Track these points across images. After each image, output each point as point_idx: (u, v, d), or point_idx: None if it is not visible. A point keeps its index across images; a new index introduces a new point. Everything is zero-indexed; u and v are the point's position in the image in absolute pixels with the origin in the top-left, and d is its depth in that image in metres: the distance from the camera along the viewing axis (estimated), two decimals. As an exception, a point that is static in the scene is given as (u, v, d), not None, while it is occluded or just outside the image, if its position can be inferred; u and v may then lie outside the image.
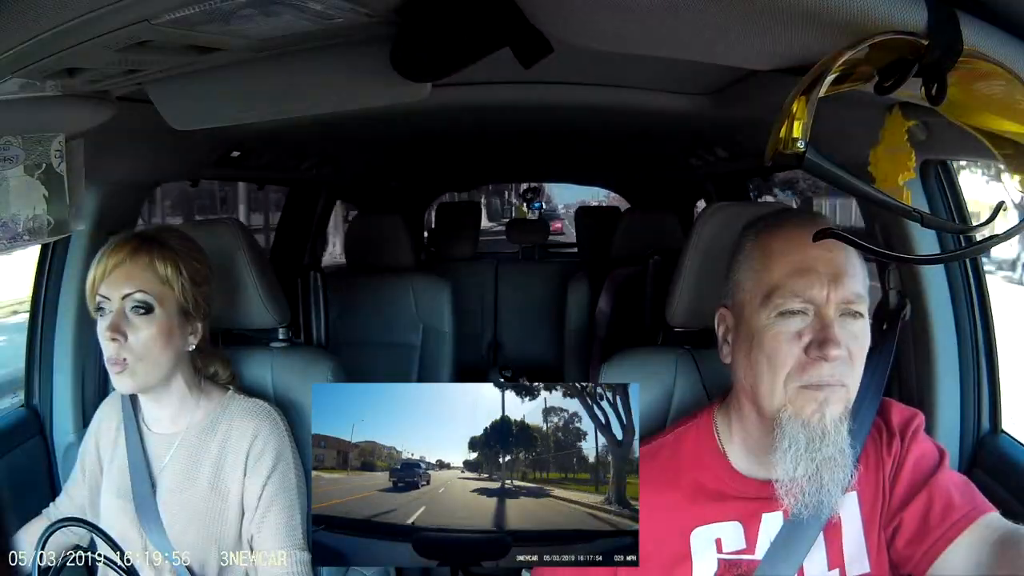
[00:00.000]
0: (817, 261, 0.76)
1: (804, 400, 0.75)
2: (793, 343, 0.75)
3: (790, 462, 0.75)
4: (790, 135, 0.47)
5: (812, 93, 0.46)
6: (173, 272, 0.97)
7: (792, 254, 0.77)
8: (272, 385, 1.17)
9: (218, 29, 0.58)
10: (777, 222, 0.82)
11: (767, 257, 0.79)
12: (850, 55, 0.45)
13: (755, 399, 0.79)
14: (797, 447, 0.74)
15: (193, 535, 0.99)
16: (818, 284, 0.75)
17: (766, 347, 0.77)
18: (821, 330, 0.74)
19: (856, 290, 0.76)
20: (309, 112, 0.78)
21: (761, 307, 0.78)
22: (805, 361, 0.75)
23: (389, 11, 0.57)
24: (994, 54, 0.46)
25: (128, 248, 0.97)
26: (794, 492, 0.76)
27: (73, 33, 0.54)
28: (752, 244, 0.82)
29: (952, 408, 1.10)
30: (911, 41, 0.45)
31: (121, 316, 0.95)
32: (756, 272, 0.80)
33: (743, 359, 0.81)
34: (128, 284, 0.96)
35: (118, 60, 0.62)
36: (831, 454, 0.74)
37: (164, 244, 0.99)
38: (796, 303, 0.76)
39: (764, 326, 0.77)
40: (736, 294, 0.83)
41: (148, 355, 0.96)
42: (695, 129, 1.62)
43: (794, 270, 0.76)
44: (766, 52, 0.56)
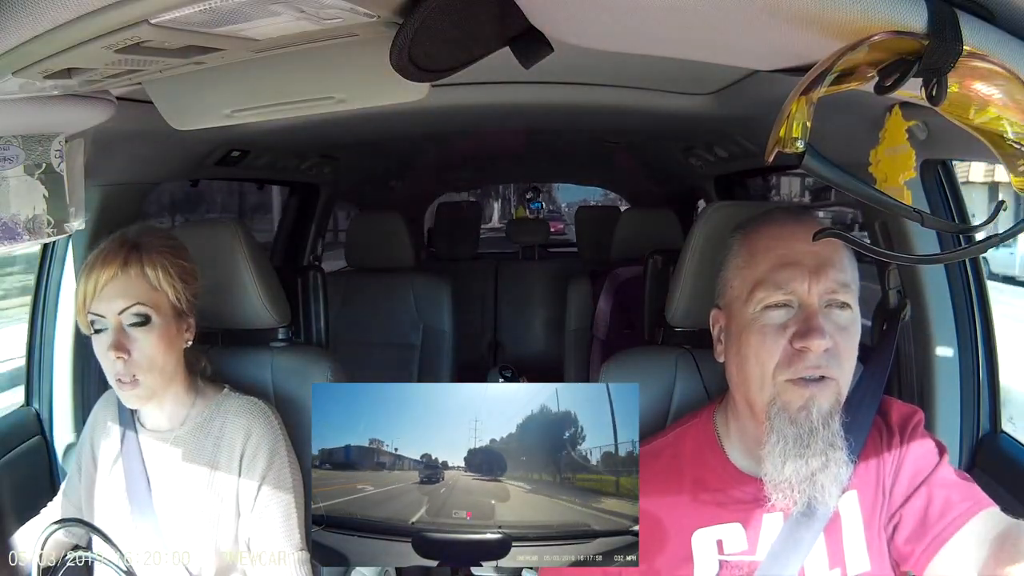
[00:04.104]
0: (800, 254, 0.77)
1: (791, 395, 0.75)
2: (779, 335, 0.76)
3: (778, 458, 0.75)
4: (790, 135, 0.47)
5: (812, 93, 0.46)
6: (165, 276, 0.96)
7: (775, 248, 0.78)
8: (272, 385, 1.17)
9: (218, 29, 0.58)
10: (762, 220, 0.83)
11: (751, 254, 0.80)
12: (850, 55, 0.45)
13: (747, 395, 0.80)
14: (785, 443, 0.75)
15: (189, 534, 0.99)
16: (800, 275, 0.76)
17: (753, 341, 0.77)
18: (805, 320, 0.75)
19: (840, 279, 0.76)
20: (309, 112, 0.78)
21: (747, 302, 0.79)
22: (791, 352, 0.75)
23: (389, 11, 0.57)
24: (994, 54, 0.46)
25: (117, 261, 0.94)
26: (783, 489, 0.76)
27: (73, 33, 0.54)
28: (738, 243, 0.83)
29: (952, 408, 1.10)
30: (911, 41, 0.45)
31: (120, 332, 0.94)
32: (741, 269, 0.81)
33: (733, 356, 0.81)
34: (122, 299, 0.94)
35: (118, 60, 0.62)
36: (820, 449, 0.74)
37: (150, 249, 0.97)
38: (779, 295, 0.76)
39: (750, 320, 0.78)
40: (725, 293, 0.84)
41: (154, 365, 0.96)
42: (695, 129, 1.62)
43: (777, 264, 0.77)
44: (766, 52, 0.56)
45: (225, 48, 0.65)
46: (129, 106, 0.96)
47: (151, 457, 1.03)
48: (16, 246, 0.90)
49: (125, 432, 1.04)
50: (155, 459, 1.03)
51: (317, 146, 1.94)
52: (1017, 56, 0.47)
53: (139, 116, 0.96)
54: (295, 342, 1.28)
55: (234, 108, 0.80)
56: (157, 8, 0.51)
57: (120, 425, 1.05)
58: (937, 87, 0.46)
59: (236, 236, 1.14)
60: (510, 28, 0.60)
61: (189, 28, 0.57)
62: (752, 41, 0.53)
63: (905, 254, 1.07)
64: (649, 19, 0.51)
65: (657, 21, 0.51)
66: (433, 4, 0.52)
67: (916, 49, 0.45)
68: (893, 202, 0.54)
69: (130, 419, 1.05)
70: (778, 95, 0.48)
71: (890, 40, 0.45)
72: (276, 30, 0.61)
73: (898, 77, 0.46)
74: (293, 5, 0.54)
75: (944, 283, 1.10)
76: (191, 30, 0.57)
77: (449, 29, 0.57)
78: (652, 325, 1.17)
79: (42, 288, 1.35)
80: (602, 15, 0.52)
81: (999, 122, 0.49)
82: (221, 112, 0.80)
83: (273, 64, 0.71)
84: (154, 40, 0.57)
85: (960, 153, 0.99)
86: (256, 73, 0.73)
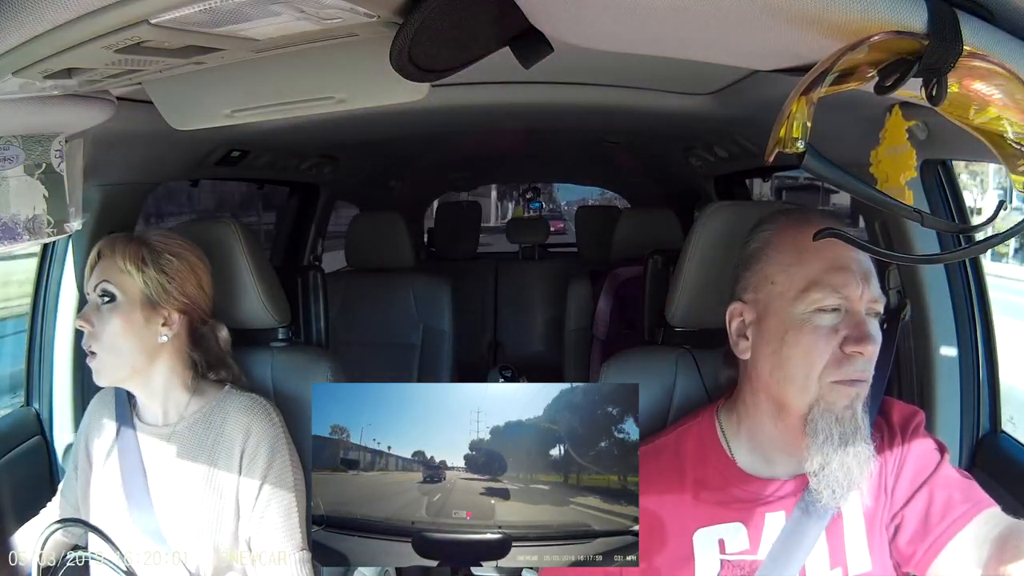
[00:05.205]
0: (849, 259, 0.77)
1: (837, 395, 0.76)
2: (830, 338, 0.76)
3: (824, 457, 0.75)
4: (790, 134, 0.47)
5: (812, 93, 0.46)
6: (133, 262, 0.99)
7: (826, 250, 0.77)
8: (272, 384, 1.17)
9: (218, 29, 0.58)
10: (801, 218, 0.82)
11: (799, 251, 0.79)
12: (850, 55, 0.45)
13: (780, 394, 0.79)
14: (831, 440, 0.75)
15: (187, 529, 0.99)
16: (853, 282, 0.76)
17: (802, 341, 0.77)
18: (857, 326, 0.75)
19: (879, 291, 0.78)
20: (309, 112, 0.78)
21: (796, 301, 0.77)
22: (840, 356, 0.75)
23: (389, 11, 0.57)
24: (994, 54, 0.46)
25: (102, 246, 1.02)
26: (831, 486, 0.76)
27: (73, 33, 0.54)
28: (777, 237, 0.82)
29: (952, 408, 1.10)
30: (911, 41, 0.45)
31: (93, 307, 1.00)
32: (787, 267, 0.79)
33: (769, 355, 0.80)
34: (98, 277, 1.00)
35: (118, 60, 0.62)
36: (861, 446, 0.76)
37: (135, 239, 1.02)
38: (834, 299, 0.76)
39: (799, 320, 0.77)
40: (761, 288, 0.81)
41: (114, 345, 0.98)
42: (695, 129, 1.62)
43: (831, 267, 0.77)
44: (766, 52, 0.56)
45: (225, 48, 0.65)
46: (129, 106, 0.96)
47: (148, 451, 1.02)
48: (16, 246, 0.90)
49: (121, 426, 1.04)
50: (152, 453, 1.02)
51: (317, 146, 1.94)
52: (1017, 56, 0.47)
53: (139, 116, 0.96)
54: (295, 342, 1.28)
55: (234, 108, 0.80)
56: (157, 8, 0.51)
57: (117, 420, 1.05)
58: (937, 87, 0.46)
59: (235, 235, 1.14)
60: (510, 28, 0.60)
61: (189, 28, 0.57)
62: (752, 41, 0.53)
63: (905, 254, 1.07)
64: (649, 19, 0.51)
65: (657, 21, 0.51)
66: (433, 4, 0.52)
67: (916, 49, 0.45)
68: (893, 202, 0.54)
69: (128, 414, 1.05)
70: (778, 95, 0.48)
71: (890, 40, 0.45)
72: (276, 30, 0.61)
73: (898, 77, 0.46)
74: (293, 5, 0.54)
75: (944, 283, 1.10)
76: (191, 30, 0.57)
77: (449, 29, 0.57)
78: (652, 325, 1.17)
79: (42, 288, 1.35)
80: (602, 15, 0.52)
81: (999, 122, 0.49)
82: (221, 112, 0.80)
83: (273, 64, 0.71)
84: (154, 40, 0.57)
85: (960, 153, 0.99)
86: (256, 73, 0.73)
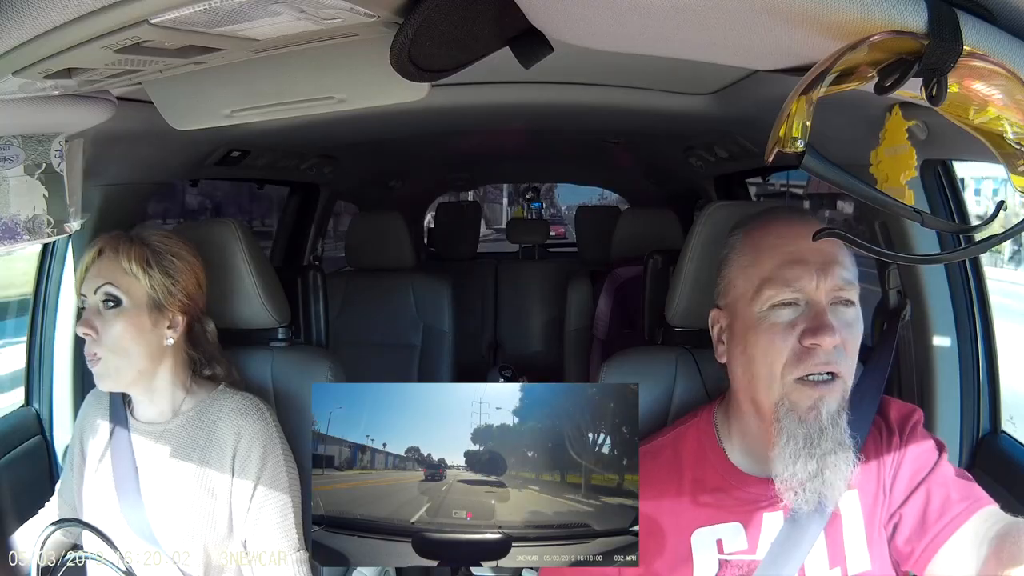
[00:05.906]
0: (806, 251, 0.76)
1: (800, 395, 0.75)
2: (787, 333, 0.76)
3: (789, 459, 0.75)
4: (790, 134, 0.47)
5: (812, 93, 0.46)
6: (139, 264, 0.98)
7: (781, 247, 0.78)
8: (272, 384, 1.17)
9: (218, 29, 0.58)
10: (765, 218, 0.83)
11: (756, 252, 0.80)
12: (850, 55, 0.45)
13: (752, 395, 0.79)
14: (796, 443, 0.75)
15: (179, 530, 0.98)
16: (807, 273, 0.76)
17: (761, 340, 0.77)
18: (814, 318, 0.75)
19: (846, 277, 0.76)
20: (309, 112, 0.78)
21: (753, 301, 0.78)
22: (800, 351, 0.75)
23: (389, 11, 0.57)
24: (994, 54, 0.46)
25: (100, 245, 0.99)
26: (794, 488, 0.76)
27: (73, 33, 0.54)
28: (741, 241, 0.83)
29: (952, 408, 1.10)
30: (911, 41, 0.45)
31: (94, 311, 0.97)
32: (745, 268, 0.81)
33: (739, 356, 0.81)
34: (98, 279, 0.97)
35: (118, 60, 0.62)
36: (830, 448, 0.74)
37: (136, 240, 1.00)
38: (787, 293, 0.76)
39: (757, 319, 0.78)
40: (728, 292, 0.83)
41: (119, 349, 0.96)
42: (695, 129, 1.62)
43: (784, 261, 0.77)
44: (766, 52, 0.56)
45: (225, 48, 0.65)
46: (129, 106, 0.96)
47: (141, 449, 1.02)
48: (16, 246, 0.90)
49: (115, 424, 1.04)
50: (144, 451, 1.02)
51: (317, 146, 1.94)
52: (1017, 56, 0.47)
53: (139, 116, 0.96)
54: (295, 342, 1.28)
55: (234, 108, 0.80)
56: (157, 8, 0.51)
57: (111, 418, 1.05)
58: (937, 87, 0.46)
59: (235, 235, 1.14)
60: (510, 28, 0.60)
61: (189, 28, 0.57)
62: (752, 41, 0.53)
63: (905, 254, 1.07)
64: (649, 19, 0.51)
65: (657, 21, 0.51)
66: (433, 4, 0.52)
67: (916, 49, 0.45)
68: (893, 202, 0.54)
69: (122, 411, 1.05)
70: (778, 95, 0.48)
71: (890, 40, 0.45)
72: (276, 30, 0.61)
73: (898, 77, 0.46)
74: (293, 5, 0.54)
75: (944, 283, 1.10)
76: (191, 30, 0.57)
77: (449, 29, 0.57)
78: (652, 325, 1.17)
79: (42, 288, 1.35)
80: (602, 15, 0.52)
81: (999, 122, 0.49)
82: (221, 112, 0.80)
83: (273, 64, 0.71)
84: (154, 40, 0.58)
85: (960, 153, 0.99)
86: (256, 73, 0.73)
